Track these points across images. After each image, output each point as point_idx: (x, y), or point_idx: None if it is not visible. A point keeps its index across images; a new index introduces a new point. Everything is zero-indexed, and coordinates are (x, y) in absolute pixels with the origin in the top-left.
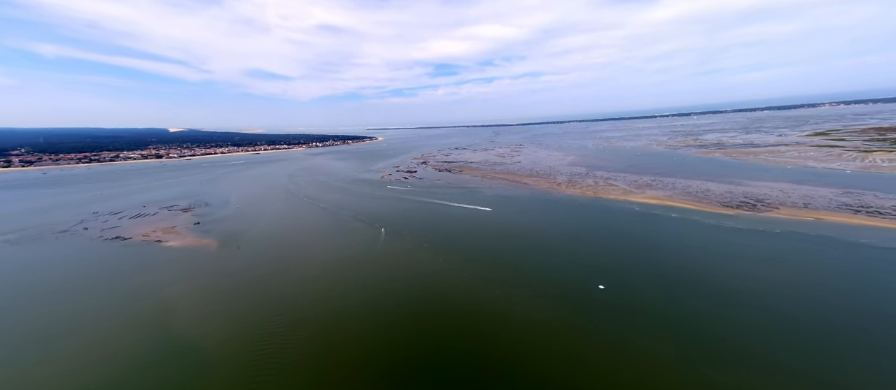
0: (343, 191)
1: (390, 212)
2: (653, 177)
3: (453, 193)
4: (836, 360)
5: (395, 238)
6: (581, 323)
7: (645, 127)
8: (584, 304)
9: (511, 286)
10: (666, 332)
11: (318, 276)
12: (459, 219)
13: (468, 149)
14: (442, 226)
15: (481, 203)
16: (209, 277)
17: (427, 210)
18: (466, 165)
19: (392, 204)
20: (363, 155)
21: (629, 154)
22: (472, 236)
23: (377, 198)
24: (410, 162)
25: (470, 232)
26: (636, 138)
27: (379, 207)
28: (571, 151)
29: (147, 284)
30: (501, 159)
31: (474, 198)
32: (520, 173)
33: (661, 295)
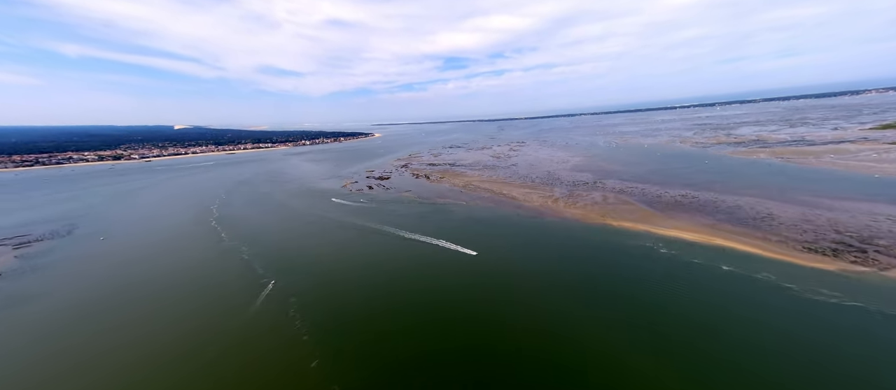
0: (279, 208)
1: (308, 249)
2: (683, 190)
3: (412, 214)
4: None
5: (276, 307)
6: None
7: (665, 119)
8: None
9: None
10: None
11: None
12: (395, 265)
13: (463, 148)
14: (362, 279)
15: (443, 231)
16: None
17: (361, 244)
18: (451, 169)
19: (323, 233)
20: (345, 155)
21: (648, 154)
22: (401, 306)
23: (312, 220)
24: (391, 164)
25: (400, 297)
26: (656, 133)
27: (299, 239)
28: (578, 150)
29: None
30: (495, 161)
31: (436, 223)
32: (510, 181)
33: None
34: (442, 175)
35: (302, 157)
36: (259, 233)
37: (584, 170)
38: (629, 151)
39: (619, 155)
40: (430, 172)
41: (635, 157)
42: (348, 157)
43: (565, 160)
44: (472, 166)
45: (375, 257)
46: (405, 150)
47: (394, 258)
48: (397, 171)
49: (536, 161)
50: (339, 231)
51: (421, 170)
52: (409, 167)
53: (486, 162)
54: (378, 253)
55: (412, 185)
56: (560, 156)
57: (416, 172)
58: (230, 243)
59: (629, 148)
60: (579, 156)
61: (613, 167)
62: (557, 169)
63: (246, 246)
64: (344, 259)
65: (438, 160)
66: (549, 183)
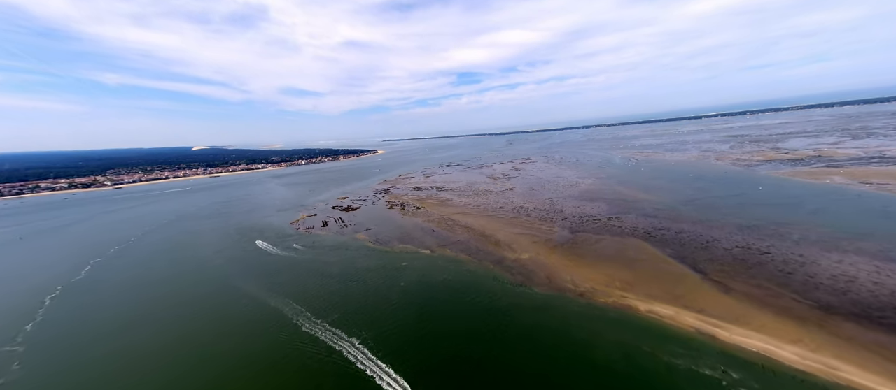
0: (175, 265)
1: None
2: (740, 235)
3: (346, 277)
4: None
5: None
6: None
7: (690, 130)
8: None
9: None
10: None
11: None
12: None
13: (462, 166)
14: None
15: (370, 319)
16: None
17: (200, 357)
18: (436, 195)
19: (160, 329)
20: (332, 176)
21: (677, 175)
22: None
23: (186, 294)
24: (373, 188)
25: None
26: (682, 147)
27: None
28: (591, 169)
29: None
30: (491, 183)
31: (367, 299)
32: (500, 214)
33: None
34: (422, 203)
35: (283, 180)
36: (103, 326)
37: (596, 197)
38: (653, 171)
39: (639, 176)
40: (409, 200)
41: (661, 180)
42: (332, 179)
43: (573, 183)
44: (463, 191)
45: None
46: (399, 170)
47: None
48: (373, 198)
49: (539, 183)
50: (196, 319)
51: (400, 197)
52: (390, 192)
53: (480, 184)
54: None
55: (378, 220)
56: (568, 178)
57: (393, 200)
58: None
59: (652, 166)
60: (591, 177)
61: (634, 193)
62: (562, 196)
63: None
64: None
65: (427, 182)
66: (549, 217)
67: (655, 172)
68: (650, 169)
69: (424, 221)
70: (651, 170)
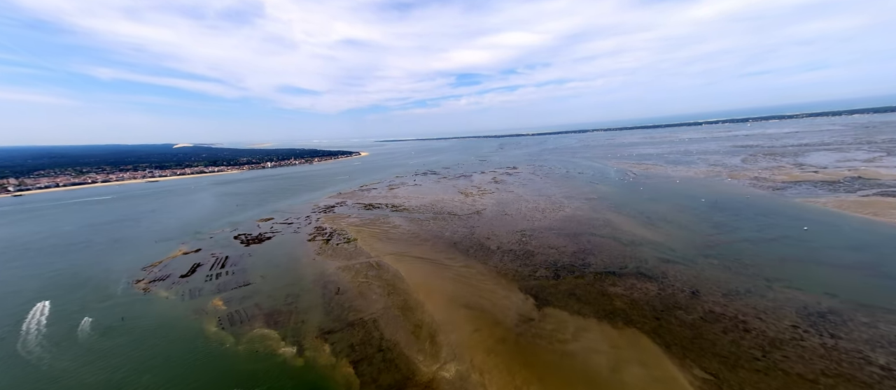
0: None
1: None
2: (829, 337)
3: None
4: None
5: None
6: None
7: (692, 138)
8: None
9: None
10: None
11: None
12: None
13: (438, 176)
14: None
15: None
16: None
17: None
18: (382, 221)
19: None
20: (286, 183)
21: (685, 200)
22: None
23: None
24: (315, 205)
25: None
26: (686, 158)
27: None
28: (580, 185)
29: None
30: (460, 203)
31: None
32: (448, 258)
33: None
34: (358, 232)
35: (224, 189)
36: None
37: (582, 231)
38: (655, 191)
39: (639, 198)
40: (345, 226)
41: (666, 205)
42: (283, 188)
43: (557, 205)
44: (421, 212)
45: None
46: (368, 177)
47: None
48: (306, 220)
49: (515, 205)
50: None
51: (339, 220)
52: (332, 211)
53: (446, 203)
54: None
55: (275, 266)
56: (552, 197)
57: (326, 225)
58: None
59: (654, 184)
60: (579, 198)
61: (632, 228)
62: (540, 227)
63: None
64: None
65: (386, 197)
66: (513, 267)
67: (658, 193)
68: (651, 188)
69: (339, 269)
70: (653, 191)
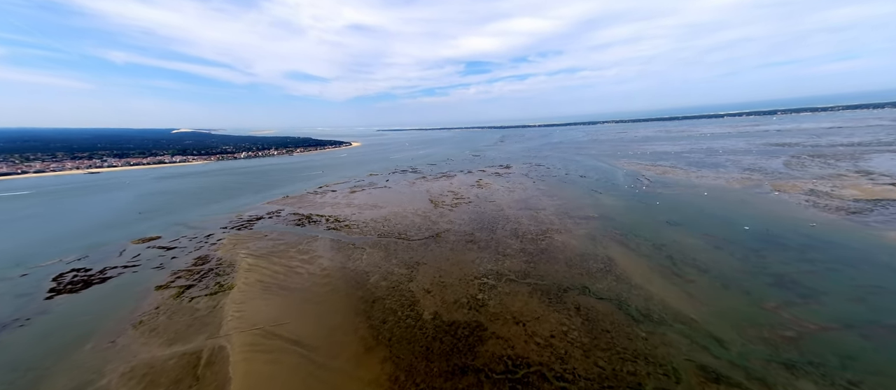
0: None
1: None
2: None
3: None
4: None
5: None
6: None
7: (715, 133)
8: None
9: None
10: None
11: None
12: None
13: (418, 175)
14: None
15: None
16: None
17: None
18: (303, 245)
19: None
20: (235, 183)
21: (721, 229)
22: None
23: None
24: (241, 214)
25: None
26: (711, 159)
27: None
28: (579, 196)
29: None
30: (425, 215)
31: None
32: (345, 343)
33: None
34: (247, 273)
35: (163, 184)
36: None
37: (569, 284)
38: (676, 211)
39: (654, 223)
40: (239, 259)
41: (694, 237)
42: (227, 187)
43: (544, 229)
44: (362, 233)
45: None
46: (337, 174)
47: None
48: (188, 246)
49: (488, 227)
50: None
51: (240, 246)
52: (246, 229)
53: (404, 219)
54: None
55: (44, 356)
56: (540, 213)
57: (211, 256)
58: None
59: (674, 197)
60: (575, 216)
61: (646, 280)
62: (508, 274)
63: None
64: None
65: (334, 207)
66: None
67: (681, 212)
68: (671, 203)
69: (124, 374)
70: (673, 208)
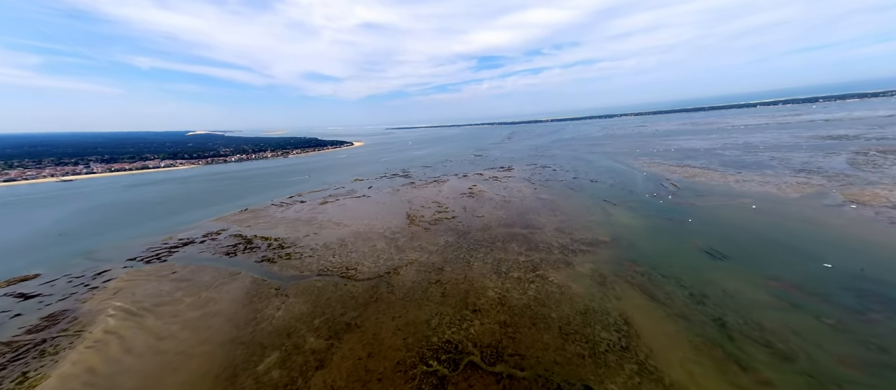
0: None
1: None
2: None
3: None
4: None
5: None
6: None
7: (748, 125)
8: None
9: None
10: None
11: None
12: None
13: (404, 180)
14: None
15: None
16: None
17: None
18: (206, 288)
19: None
20: (211, 188)
21: (797, 269)
22: None
23: None
24: (167, 238)
25: None
26: (752, 158)
27: None
28: (586, 209)
29: None
30: (391, 239)
31: None
32: None
33: None
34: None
35: (127, 195)
36: None
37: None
38: (717, 236)
39: (690, 254)
40: (81, 327)
41: (752, 283)
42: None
43: (536, 261)
44: (298, 268)
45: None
46: (321, 180)
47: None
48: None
49: (462, 261)
50: None
51: (155, 284)
52: (152, 262)
53: (360, 245)
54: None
55: None
56: (535, 234)
57: (82, 310)
58: None
59: (708, 210)
60: (579, 239)
61: (689, 376)
62: (486, 338)
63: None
64: None
65: (290, 224)
66: None
67: (725, 238)
68: (710, 223)
69: None
70: (713, 230)
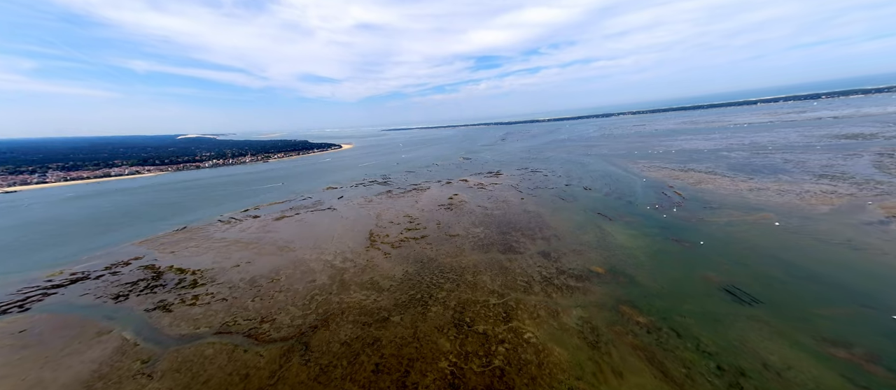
0: None
1: None
2: None
3: None
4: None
5: None
6: None
7: (752, 123)
8: None
9: None
10: None
11: None
12: None
13: (381, 188)
14: None
15: None
16: None
17: None
18: (50, 366)
19: None
20: (165, 200)
21: (879, 345)
22: None
23: None
24: (88, 262)
25: None
26: (763, 161)
27: None
28: (576, 225)
29: None
30: (349, 262)
31: None
32: None
33: None
34: None
35: (55, 210)
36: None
37: None
38: (742, 271)
39: (710, 294)
40: None
41: (802, 351)
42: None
43: (511, 306)
44: (206, 314)
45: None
46: (292, 188)
47: None
48: None
49: (423, 301)
50: None
51: None
52: (29, 305)
53: (304, 272)
54: None
55: None
56: (513, 262)
57: None
58: None
59: (725, 231)
60: (567, 270)
61: None
62: None
63: None
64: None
65: (221, 252)
66: None
67: (748, 269)
68: (726, 246)
69: None
70: (731, 257)
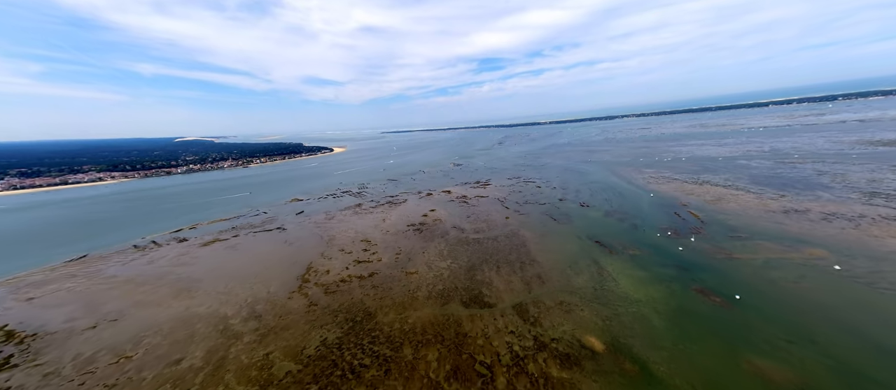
0: None
1: None
2: None
3: None
4: None
5: None
6: None
7: (767, 126)
8: None
9: None
10: None
11: None
12: None
13: (354, 199)
14: None
15: None
16: None
17: None
18: None
19: None
20: (90, 213)
21: None
22: None
23: None
24: None
25: None
26: (792, 172)
27: None
28: (574, 259)
29: None
30: (250, 323)
31: None
32: None
33: None
34: None
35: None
36: None
37: None
38: (824, 373)
39: None
40: None
41: None
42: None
43: None
44: None
45: None
46: (258, 199)
47: None
48: None
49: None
50: None
51: None
52: None
53: (173, 344)
54: None
55: None
56: (484, 319)
57: None
58: None
59: (766, 278)
60: (554, 345)
61: None
62: None
63: None
64: None
65: (94, 305)
66: None
67: (821, 354)
68: (772, 308)
69: None
70: (784, 326)
